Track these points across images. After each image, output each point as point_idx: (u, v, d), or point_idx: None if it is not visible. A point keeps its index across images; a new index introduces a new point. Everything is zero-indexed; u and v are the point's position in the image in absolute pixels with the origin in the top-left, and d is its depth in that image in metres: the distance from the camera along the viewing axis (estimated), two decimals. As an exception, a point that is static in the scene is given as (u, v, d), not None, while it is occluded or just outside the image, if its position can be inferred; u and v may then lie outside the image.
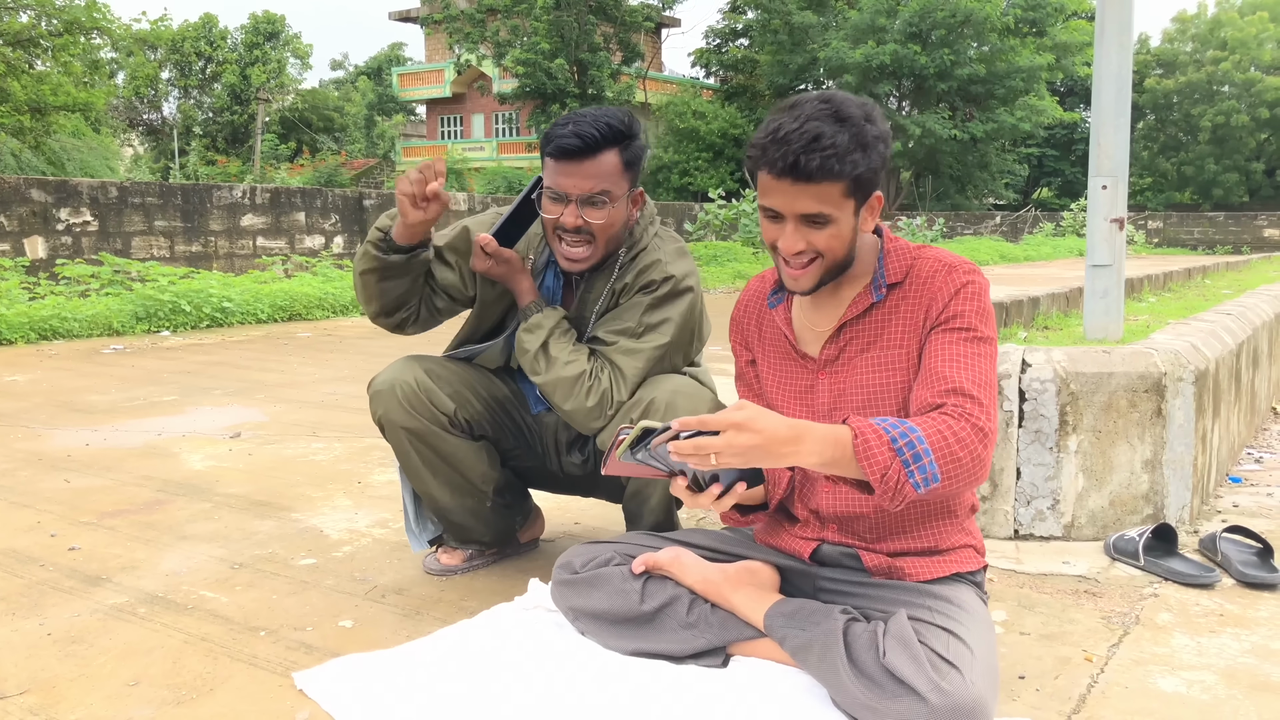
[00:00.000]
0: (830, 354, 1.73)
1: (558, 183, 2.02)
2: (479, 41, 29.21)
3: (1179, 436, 2.57)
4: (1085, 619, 2.06)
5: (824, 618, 1.64)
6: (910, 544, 1.75)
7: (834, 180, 1.54)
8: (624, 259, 2.15)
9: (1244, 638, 1.97)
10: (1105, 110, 3.53)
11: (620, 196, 2.06)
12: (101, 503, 2.99)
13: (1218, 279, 9.08)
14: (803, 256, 1.62)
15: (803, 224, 1.59)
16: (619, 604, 1.83)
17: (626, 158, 2.05)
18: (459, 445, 2.19)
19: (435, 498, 2.24)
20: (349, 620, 2.07)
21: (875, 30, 29.02)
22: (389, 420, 2.16)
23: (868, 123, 1.57)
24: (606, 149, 2.01)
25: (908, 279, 1.69)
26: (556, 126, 2.02)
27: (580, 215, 2.03)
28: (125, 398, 4.89)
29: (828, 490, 1.75)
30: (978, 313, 1.63)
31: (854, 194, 1.58)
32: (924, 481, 1.45)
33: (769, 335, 1.83)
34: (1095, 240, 3.62)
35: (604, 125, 2.00)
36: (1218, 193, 36.48)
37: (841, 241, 1.62)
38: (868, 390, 1.69)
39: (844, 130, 1.54)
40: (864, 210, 1.63)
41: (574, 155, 2.00)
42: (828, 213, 1.57)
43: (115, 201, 10.24)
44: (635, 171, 2.08)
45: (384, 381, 2.17)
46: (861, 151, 1.55)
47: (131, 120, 41.66)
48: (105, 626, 2.04)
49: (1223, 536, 2.38)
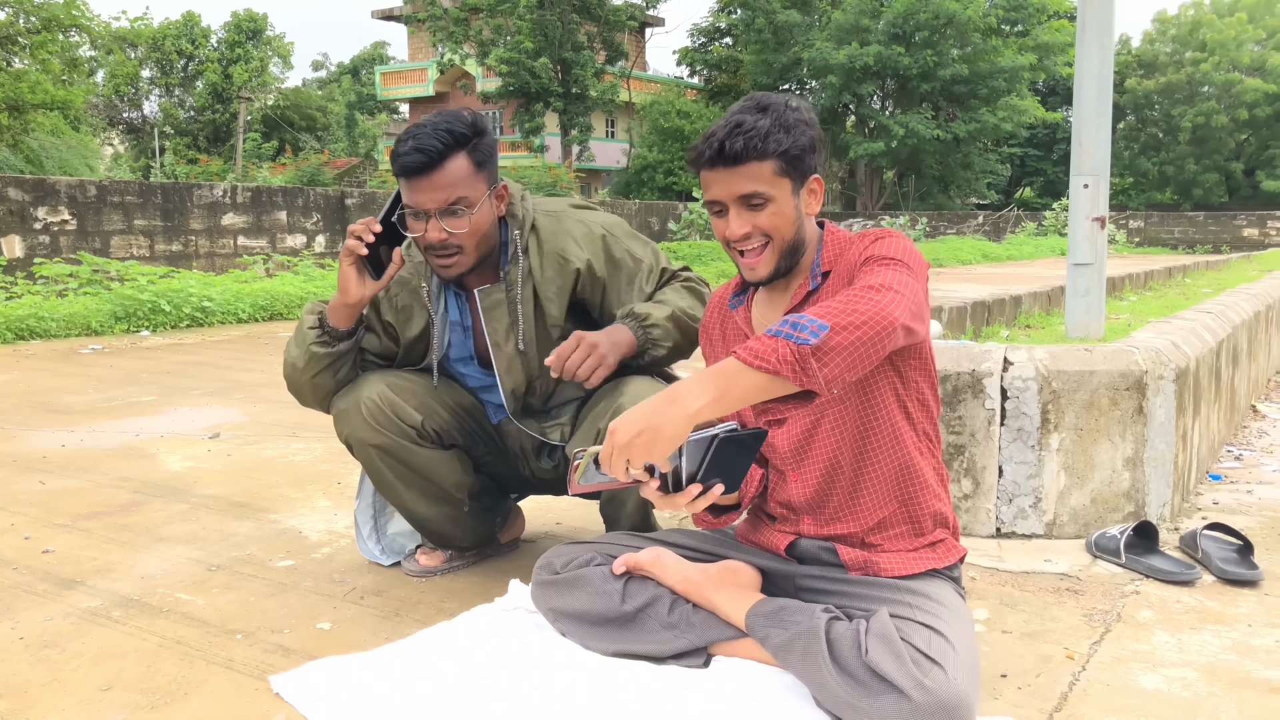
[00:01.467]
0: None
1: (413, 200, 1.99)
2: (462, 40, 29.13)
3: (1160, 434, 2.57)
4: (1067, 617, 2.06)
5: (806, 616, 1.63)
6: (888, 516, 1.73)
7: (761, 159, 1.62)
8: (523, 243, 2.12)
9: (1224, 634, 1.97)
10: (1086, 109, 3.54)
11: (479, 200, 2.01)
12: (77, 505, 2.95)
13: (1198, 278, 9.14)
14: (752, 241, 1.68)
15: (743, 208, 1.66)
16: (600, 604, 1.82)
17: (476, 159, 2.00)
18: (430, 456, 2.15)
19: (412, 510, 2.21)
20: (327, 622, 2.05)
21: (859, 31, 29.11)
22: (356, 439, 2.11)
23: (789, 109, 1.66)
24: (452, 155, 1.97)
25: (838, 259, 1.73)
26: (399, 144, 1.98)
27: (442, 228, 1.99)
28: (103, 398, 4.84)
29: (795, 479, 1.76)
30: (899, 249, 1.64)
31: (787, 173, 1.65)
32: (814, 333, 1.43)
33: (731, 338, 1.85)
34: (1077, 239, 3.63)
35: (444, 132, 1.96)
36: (1198, 193, 36.76)
37: (785, 220, 1.67)
38: None
39: (765, 116, 1.63)
40: (803, 192, 1.68)
41: (420, 170, 1.96)
42: (763, 190, 1.64)
43: (94, 200, 10.15)
44: (491, 169, 2.04)
45: (347, 401, 2.11)
46: (784, 132, 1.63)
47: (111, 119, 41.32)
48: (78, 630, 2.01)
49: (1203, 534, 2.39)
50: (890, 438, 1.71)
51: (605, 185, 37.68)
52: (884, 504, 1.73)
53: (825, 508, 1.76)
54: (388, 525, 2.41)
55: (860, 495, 1.73)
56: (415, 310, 2.18)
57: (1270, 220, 29.47)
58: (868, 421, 1.71)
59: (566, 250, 2.13)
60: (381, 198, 13.47)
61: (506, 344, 2.15)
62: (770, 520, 1.86)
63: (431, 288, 2.17)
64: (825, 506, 1.76)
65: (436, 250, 2.03)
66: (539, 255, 2.14)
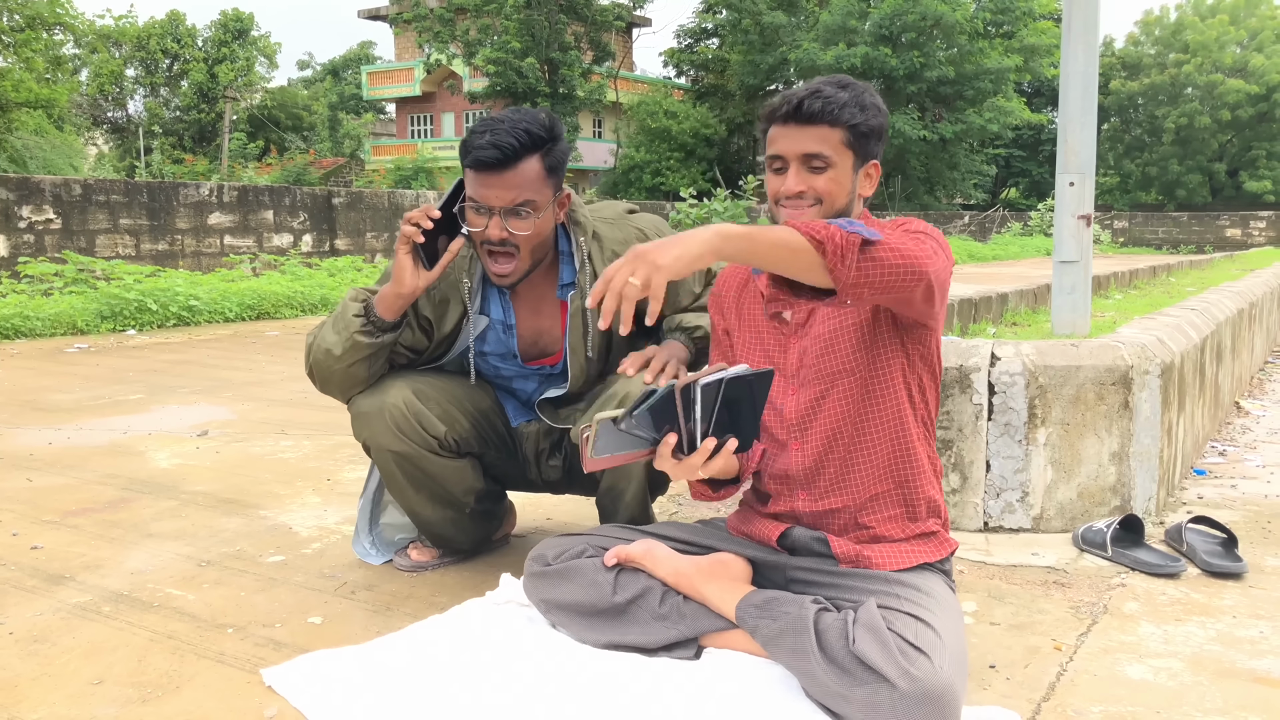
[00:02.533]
0: (800, 317, 1.80)
1: (479, 194, 1.96)
2: (449, 40, 29.09)
3: (1145, 429, 2.60)
4: (1054, 609, 2.08)
5: (795, 607, 1.65)
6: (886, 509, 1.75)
7: (833, 125, 1.70)
8: (586, 250, 2.12)
9: (1209, 626, 1.99)
10: (1072, 109, 3.57)
11: (545, 205, 2.00)
12: (65, 501, 2.94)
13: (1182, 277, 9.20)
14: (803, 200, 1.73)
15: (804, 167, 1.71)
16: (591, 596, 1.83)
17: (549, 163, 1.98)
18: (446, 465, 2.14)
19: (417, 512, 2.22)
20: (318, 617, 2.05)
21: (846, 32, 29.20)
22: (376, 444, 2.09)
23: (867, 93, 1.74)
24: (527, 156, 1.94)
25: None
26: (474, 135, 1.94)
27: (504, 227, 1.97)
28: (89, 396, 4.82)
29: (796, 449, 1.77)
30: (927, 228, 1.68)
31: (852, 146, 1.72)
32: (868, 234, 1.48)
33: (748, 303, 1.87)
34: (1063, 236, 3.65)
35: (522, 132, 1.93)
36: (1181, 193, 36.99)
37: (840, 188, 1.73)
38: (825, 339, 1.75)
39: (845, 91, 1.72)
40: (861, 173, 1.75)
41: (493, 167, 1.93)
42: (827, 154, 1.70)
43: (79, 199, 10.10)
44: (559, 176, 2.02)
45: (370, 404, 2.08)
46: (860, 109, 1.71)
47: (96, 118, 41.09)
48: (68, 625, 2.01)
49: (1188, 527, 2.41)
50: (893, 416, 1.74)
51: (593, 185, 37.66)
52: (879, 480, 1.75)
53: (819, 480, 1.77)
54: (381, 515, 2.41)
55: (855, 468, 1.75)
56: (453, 305, 2.15)
57: (1253, 220, 29.70)
58: (873, 396, 1.74)
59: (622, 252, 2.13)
60: (370, 197, 13.43)
61: (579, 351, 2.14)
62: (763, 502, 1.87)
63: (473, 283, 2.14)
64: (820, 478, 1.77)
65: (494, 249, 2.00)
66: (602, 263, 2.12)
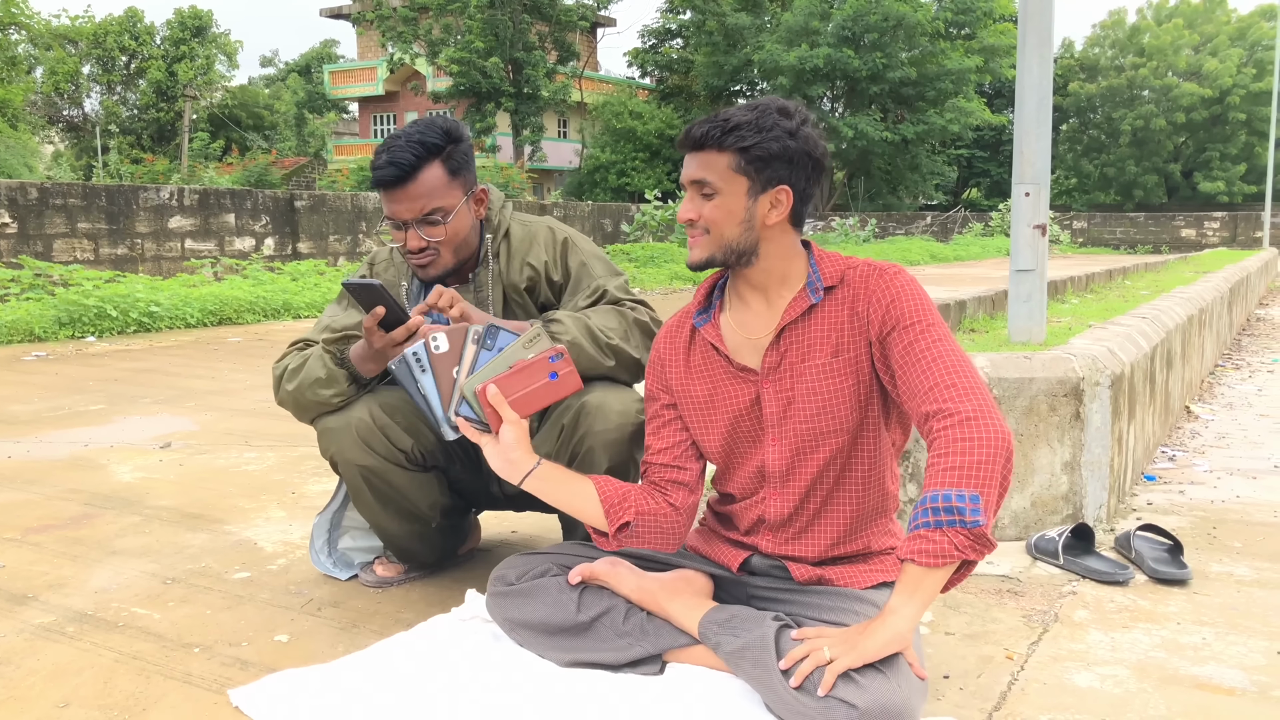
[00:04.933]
0: (772, 361, 1.74)
1: (390, 210, 2.05)
2: (412, 40, 28.93)
3: (1096, 439, 2.67)
4: (1007, 618, 2.14)
5: (756, 625, 1.68)
6: (845, 548, 1.79)
7: (719, 149, 1.65)
8: (493, 247, 2.17)
9: (1154, 632, 2.06)
10: (1027, 120, 3.64)
11: (455, 206, 2.06)
12: (26, 518, 2.92)
13: (1137, 280, 9.38)
14: (695, 227, 1.70)
15: (695, 193, 1.69)
16: (555, 614, 1.86)
17: (451, 166, 2.05)
18: (413, 478, 2.17)
19: (384, 527, 2.24)
20: (285, 635, 2.06)
21: (809, 33, 29.39)
22: (344, 458, 2.11)
23: (781, 115, 1.66)
24: (425, 166, 2.01)
25: (843, 283, 1.73)
26: (375, 156, 2.03)
27: (420, 236, 2.05)
28: (49, 407, 4.77)
29: (775, 498, 1.78)
30: (919, 305, 1.68)
31: (745, 171, 1.66)
32: (974, 509, 1.46)
33: (697, 359, 1.83)
34: (1019, 246, 3.73)
35: (416, 144, 2.00)
36: (1138, 193, 37.63)
37: (729, 216, 1.67)
38: (821, 398, 1.72)
39: (749, 114, 1.65)
40: (765, 199, 1.67)
41: (395, 183, 2.01)
42: (711, 180, 1.66)
43: (35, 203, 9.96)
44: (467, 175, 2.09)
45: (337, 419, 2.10)
46: (755, 131, 1.63)
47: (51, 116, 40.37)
48: (32, 647, 2.01)
49: (1136, 534, 2.49)
50: (873, 462, 1.75)
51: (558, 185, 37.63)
52: (847, 521, 1.77)
53: (790, 525, 1.80)
54: (339, 539, 2.42)
55: (828, 514, 1.77)
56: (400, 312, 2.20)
57: (1207, 221, 30.31)
58: (858, 449, 1.74)
59: (531, 254, 2.18)
60: (332, 200, 13.34)
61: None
62: (724, 526, 1.91)
63: (411, 288, 2.22)
64: (791, 524, 1.79)
65: (416, 255, 2.07)
66: (508, 259, 2.18)
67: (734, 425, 1.80)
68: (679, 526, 1.84)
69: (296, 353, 2.18)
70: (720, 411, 1.80)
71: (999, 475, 1.50)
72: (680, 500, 1.83)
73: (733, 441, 1.81)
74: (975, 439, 1.51)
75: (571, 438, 2.00)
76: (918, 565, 1.49)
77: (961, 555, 1.47)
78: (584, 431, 1.99)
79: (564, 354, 1.78)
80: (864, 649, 1.51)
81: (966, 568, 1.53)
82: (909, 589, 1.52)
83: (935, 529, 1.48)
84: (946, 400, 1.56)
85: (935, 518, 1.48)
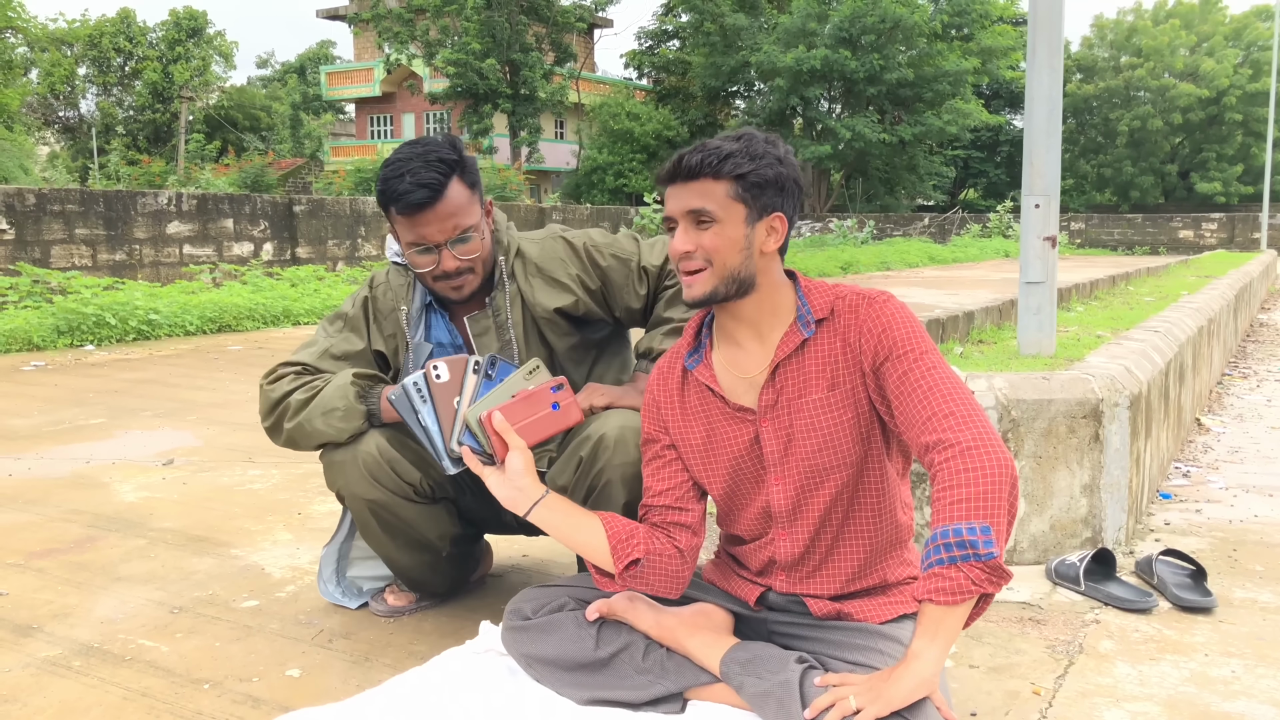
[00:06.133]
0: (769, 399, 1.70)
1: (420, 235, 1.97)
2: (408, 41, 28.89)
3: (1115, 460, 2.63)
4: (1031, 649, 2.10)
5: (780, 666, 1.65)
6: (861, 582, 1.76)
7: (715, 177, 1.61)
8: (508, 268, 2.12)
9: (1183, 665, 2.02)
10: (1037, 130, 3.61)
11: (478, 220, 2.03)
12: (29, 541, 2.88)
13: (1140, 285, 9.36)
14: (692, 261, 1.65)
15: (691, 224, 1.64)
16: (573, 650, 1.82)
17: (468, 181, 2.00)
18: (421, 510, 2.12)
19: (393, 558, 2.19)
20: (296, 669, 2.02)
21: (806, 35, 29.36)
22: (350, 492, 2.07)
23: (764, 143, 1.64)
24: (449, 183, 1.96)
25: (833, 314, 1.69)
26: (392, 182, 1.94)
27: (455, 257, 1.99)
28: (49, 421, 4.72)
29: (785, 538, 1.75)
30: (911, 333, 1.64)
31: (742, 199, 1.62)
32: (986, 541, 1.43)
33: (692, 401, 1.79)
34: (1029, 258, 3.69)
35: (437, 161, 1.94)
36: (1135, 194, 37.67)
37: (730, 245, 1.63)
38: (821, 433, 1.68)
39: (736, 144, 1.63)
40: (761, 226, 1.64)
41: (425, 205, 1.94)
42: (710, 209, 1.62)
43: (33, 209, 9.90)
44: (480, 188, 2.05)
45: (343, 453, 2.05)
46: (749, 159, 1.61)
47: (47, 118, 40.29)
48: (38, 683, 1.96)
49: (1158, 559, 2.45)
50: (879, 492, 1.71)
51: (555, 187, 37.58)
52: (862, 556, 1.73)
53: (804, 565, 1.76)
54: (348, 569, 2.38)
55: (840, 549, 1.73)
56: (400, 338, 2.16)
57: (1204, 222, 30.30)
58: (864, 481, 1.71)
59: (558, 271, 2.12)
60: (331, 204, 13.29)
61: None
62: (739, 564, 1.87)
63: (411, 311, 2.14)
64: (804, 564, 1.76)
65: (451, 277, 2.01)
66: (526, 278, 2.12)
67: (735, 466, 1.75)
68: (684, 570, 1.79)
69: (294, 376, 2.10)
70: (720, 453, 1.76)
71: (1006, 503, 1.46)
72: (685, 543, 1.78)
73: (735, 483, 1.77)
74: (978, 469, 1.47)
75: (590, 470, 1.96)
76: (936, 604, 1.46)
77: (979, 589, 1.44)
78: (603, 464, 1.94)
79: (564, 384, 1.77)
80: (890, 697, 1.48)
81: (985, 600, 1.50)
82: (930, 630, 1.48)
83: (950, 565, 1.44)
84: (946, 430, 1.53)
85: (949, 554, 1.45)
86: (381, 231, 13.91)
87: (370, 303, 2.19)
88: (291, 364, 2.14)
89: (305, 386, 2.08)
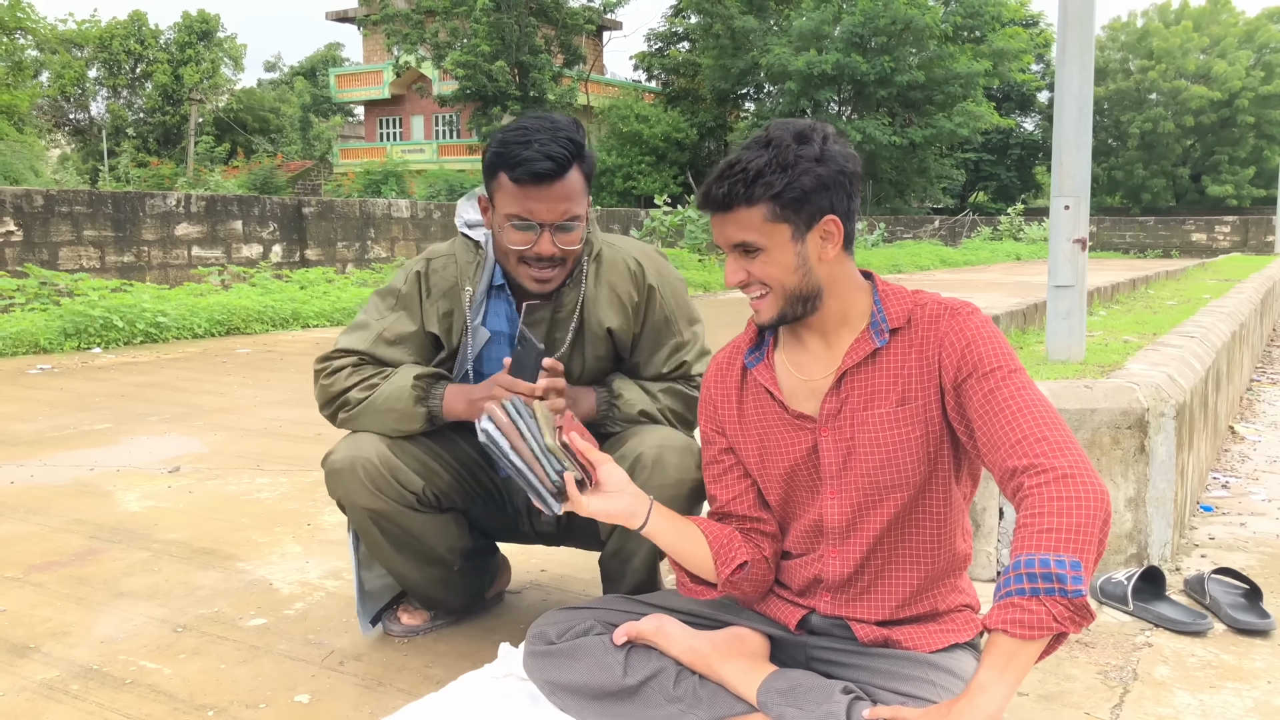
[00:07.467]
0: (832, 408, 1.59)
1: (528, 209, 1.82)
2: (417, 43, 28.88)
3: (1161, 473, 2.51)
4: (1082, 675, 1.98)
5: (825, 697, 1.53)
6: (911, 610, 1.65)
7: (748, 205, 1.50)
8: (587, 268, 2.00)
9: (1245, 693, 1.90)
10: (1067, 131, 3.50)
11: (585, 213, 1.90)
12: (28, 553, 2.78)
13: (1160, 288, 9.23)
14: (751, 289, 1.56)
15: (739, 254, 1.54)
16: (600, 677, 1.71)
17: (586, 171, 1.88)
18: (427, 521, 2.01)
19: (403, 573, 2.07)
20: (305, 694, 1.92)
21: (818, 38, 29.25)
22: (351, 502, 1.95)
23: (799, 143, 1.50)
24: (572, 167, 1.83)
25: (911, 324, 1.57)
26: (515, 147, 1.79)
27: (554, 242, 1.85)
28: (53, 426, 4.63)
29: (835, 555, 1.64)
30: (998, 349, 1.52)
31: (783, 217, 1.50)
32: (1075, 578, 1.30)
33: (751, 403, 1.69)
34: (1057, 260, 3.59)
35: (566, 140, 1.81)
36: (1146, 197, 37.47)
37: (781, 269, 1.52)
38: (886, 449, 1.57)
39: (764, 154, 1.49)
40: (812, 236, 1.52)
41: (546, 178, 1.80)
42: (751, 240, 1.52)
43: (41, 210, 9.84)
44: (591, 185, 1.93)
45: (343, 459, 1.94)
46: (780, 172, 1.48)
47: (57, 120, 40.36)
48: (34, 708, 1.86)
49: (1210, 578, 2.33)
50: (940, 517, 1.60)
51: (564, 189, 37.46)
52: (913, 581, 1.63)
53: (852, 586, 1.65)
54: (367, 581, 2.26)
55: (890, 572, 1.62)
56: (456, 316, 2.02)
57: (1218, 225, 30.09)
58: (924, 503, 1.60)
59: (620, 286, 2.00)
60: (340, 206, 13.22)
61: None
62: (780, 586, 1.76)
63: (476, 294, 2.00)
64: (853, 585, 1.65)
65: (543, 264, 1.88)
66: (596, 283, 2.00)
67: (790, 475, 1.65)
68: (769, 577, 1.71)
69: (352, 370, 1.99)
70: (774, 460, 1.66)
71: (1097, 539, 1.34)
72: (769, 550, 1.70)
73: (789, 491, 1.67)
74: (1074, 499, 1.35)
75: None
76: (1011, 636, 1.34)
77: (1060, 627, 1.31)
78: (640, 485, 1.83)
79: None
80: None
81: (1060, 639, 1.38)
82: (1000, 663, 1.36)
83: (1031, 597, 1.32)
84: (1038, 455, 1.40)
85: (1031, 584, 1.32)
86: (390, 234, 13.82)
87: (423, 278, 2.03)
88: (348, 351, 2.01)
89: (364, 384, 1.97)
